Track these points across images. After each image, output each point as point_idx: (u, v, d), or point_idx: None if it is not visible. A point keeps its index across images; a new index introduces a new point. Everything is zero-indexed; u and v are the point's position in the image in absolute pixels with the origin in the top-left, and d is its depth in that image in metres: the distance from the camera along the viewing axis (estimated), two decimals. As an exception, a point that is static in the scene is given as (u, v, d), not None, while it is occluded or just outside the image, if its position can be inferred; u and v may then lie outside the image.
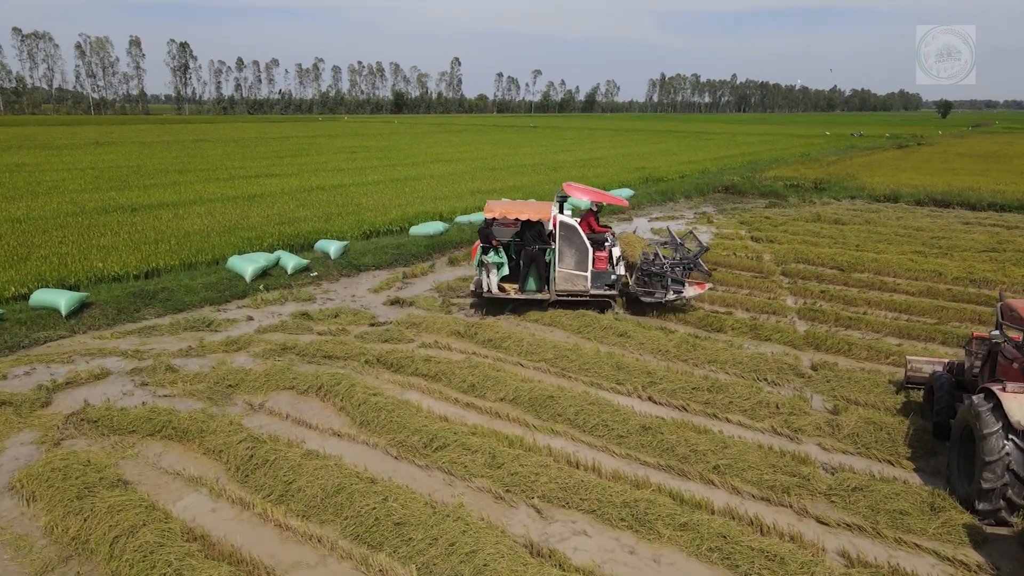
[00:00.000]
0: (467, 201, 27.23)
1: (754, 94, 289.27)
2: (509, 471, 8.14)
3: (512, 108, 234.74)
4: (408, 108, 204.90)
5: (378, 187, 31.23)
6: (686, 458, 8.60)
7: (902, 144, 69.16)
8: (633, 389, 10.73)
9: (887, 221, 26.25)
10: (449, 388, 10.83)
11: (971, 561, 6.81)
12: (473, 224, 23.35)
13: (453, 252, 20.65)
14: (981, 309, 14.59)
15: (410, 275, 17.98)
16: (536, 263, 14.27)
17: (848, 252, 19.94)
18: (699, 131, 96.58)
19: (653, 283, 14.34)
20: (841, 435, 9.27)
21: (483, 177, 35.79)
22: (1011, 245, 21.10)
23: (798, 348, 12.72)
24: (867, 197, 32.62)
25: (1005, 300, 8.31)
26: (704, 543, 6.91)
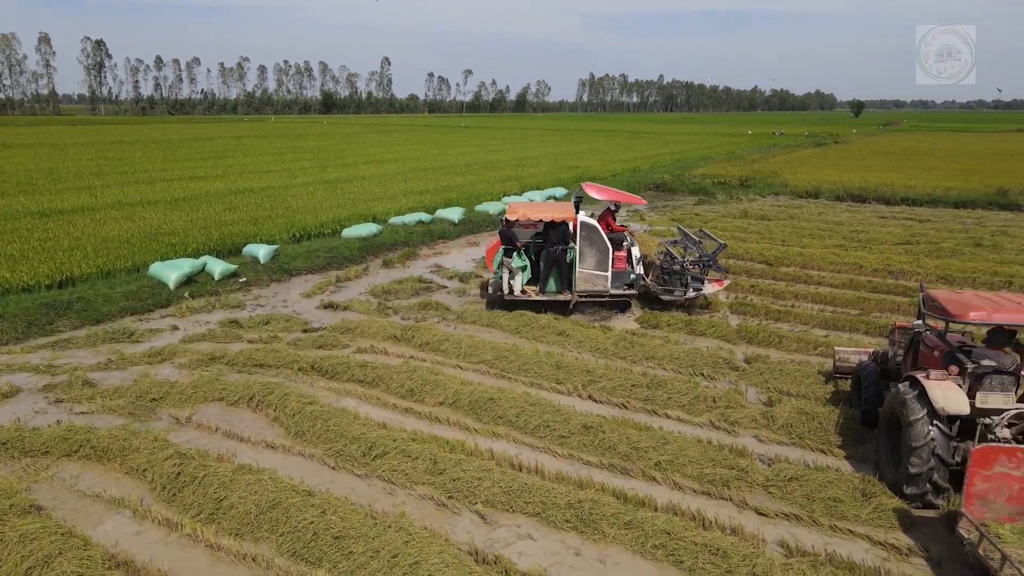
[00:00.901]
0: (400, 202, 26.87)
1: (680, 94, 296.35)
2: (451, 477, 7.98)
3: (443, 108, 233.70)
4: (337, 108, 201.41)
5: (308, 189, 30.50)
6: (628, 456, 8.62)
7: (820, 142, 71.98)
8: (573, 388, 10.72)
9: (810, 216, 27.20)
10: (387, 394, 10.58)
11: (902, 544, 7.03)
12: (407, 225, 23.06)
13: (387, 254, 20.31)
14: (900, 299, 15.21)
15: (344, 279, 17.57)
16: (558, 264, 14.18)
17: (775, 247, 20.55)
18: (629, 130, 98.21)
19: (672, 281, 14.43)
20: (776, 426, 9.47)
21: (416, 178, 35.41)
22: (924, 238, 22.15)
23: (732, 342, 12.98)
24: (790, 193, 33.73)
25: (926, 291, 8.64)
26: (649, 540, 6.91)
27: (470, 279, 17.37)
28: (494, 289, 14.49)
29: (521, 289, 14.20)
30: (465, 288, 16.63)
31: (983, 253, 19.79)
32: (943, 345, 8.31)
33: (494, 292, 14.44)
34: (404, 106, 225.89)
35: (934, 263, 18.30)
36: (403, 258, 19.76)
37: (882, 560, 6.79)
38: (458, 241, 22.92)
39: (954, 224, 25.25)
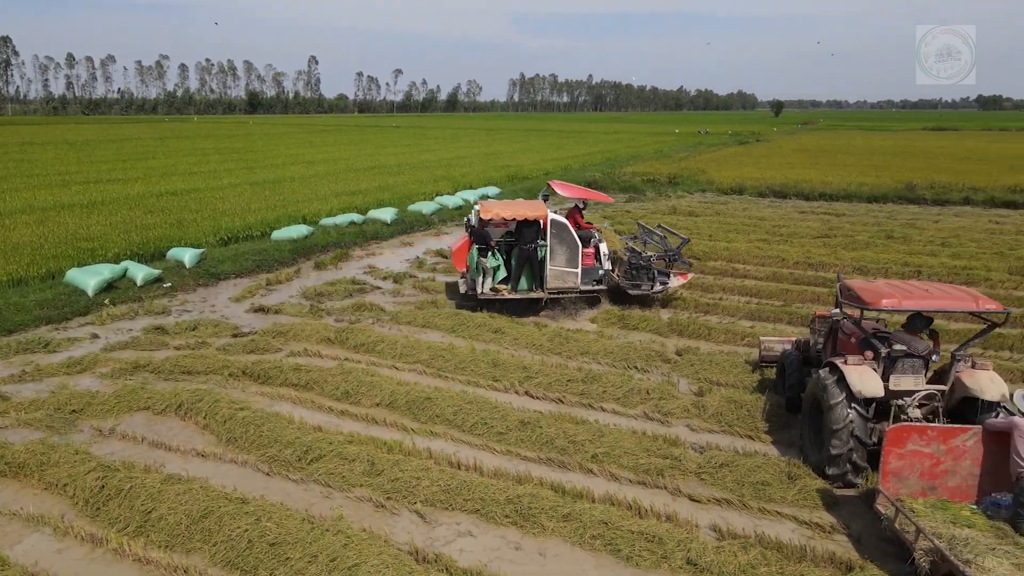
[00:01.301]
0: (332, 203, 26.44)
1: (609, 94, 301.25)
2: (389, 478, 7.93)
3: (374, 108, 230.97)
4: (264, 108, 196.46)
5: (235, 190, 29.66)
6: (565, 450, 8.74)
7: (743, 141, 74.34)
8: (510, 385, 10.79)
9: (734, 212, 28.09)
10: (322, 397, 10.42)
11: (825, 523, 7.36)
12: (339, 226, 22.72)
13: (319, 256, 19.96)
14: (819, 290, 15.89)
15: (274, 281, 17.18)
16: (531, 262, 14.19)
17: (703, 242, 21.13)
18: (560, 129, 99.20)
19: (640, 276, 14.72)
20: (706, 415, 9.77)
21: (347, 178, 34.90)
22: (840, 231, 23.18)
23: (663, 335, 13.30)
24: (716, 190, 34.73)
25: (843, 281, 9.05)
26: (587, 531, 7.04)
27: (404, 280, 17.25)
28: (467, 289, 14.39)
29: (492, 288, 14.18)
30: (400, 289, 16.50)
31: (894, 245, 20.86)
32: (859, 332, 8.73)
33: (467, 292, 14.35)
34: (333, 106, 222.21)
35: (850, 255, 19.18)
36: (336, 259, 19.46)
37: (807, 539, 7.09)
38: (391, 242, 22.72)
39: (867, 218, 26.50)
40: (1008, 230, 23.77)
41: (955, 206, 30.00)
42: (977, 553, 5.77)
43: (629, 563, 6.70)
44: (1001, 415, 7.30)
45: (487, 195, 31.02)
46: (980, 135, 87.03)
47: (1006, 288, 16.21)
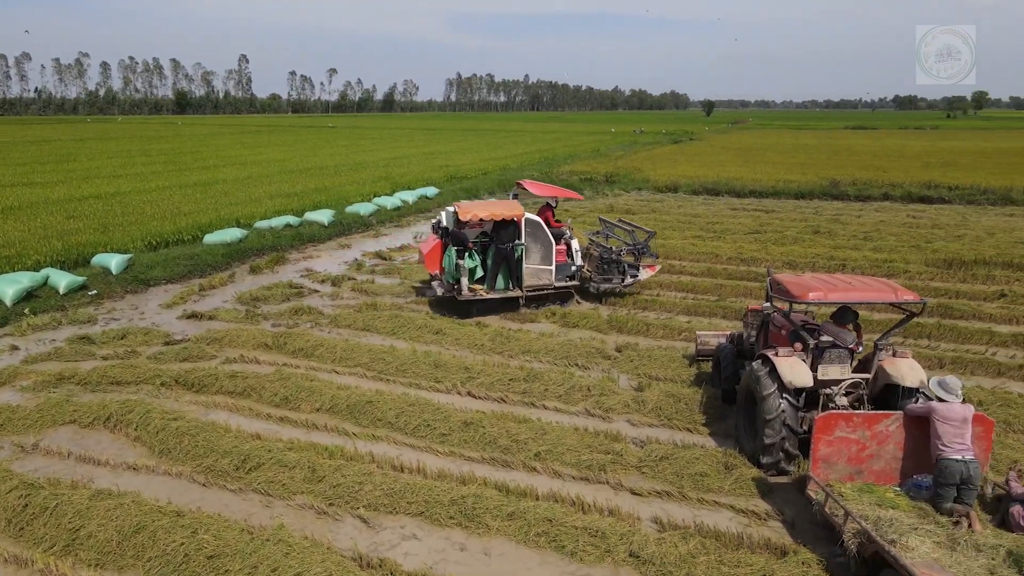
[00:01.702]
0: (266, 205, 25.86)
1: (546, 93, 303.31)
2: (331, 483, 7.82)
3: (308, 108, 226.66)
4: (193, 108, 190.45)
5: (164, 193, 28.70)
6: (508, 449, 8.78)
7: (677, 140, 75.96)
8: (452, 386, 10.78)
9: (670, 209, 28.69)
10: (260, 403, 10.19)
11: (760, 510, 7.61)
12: (275, 229, 22.24)
13: (255, 259, 19.49)
14: (751, 284, 16.39)
15: (207, 287, 16.70)
16: (507, 261, 14.28)
17: (640, 240, 21.48)
18: (498, 129, 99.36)
19: (611, 270, 15.07)
20: (646, 410, 9.96)
21: (282, 180, 34.17)
22: (770, 227, 23.95)
23: (603, 332, 13.49)
24: (651, 188, 35.41)
25: (772, 275, 9.36)
26: (531, 529, 7.09)
27: (343, 282, 17.01)
28: (444, 291, 14.42)
29: (469, 288, 14.11)
30: (338, 292, 16.26)
31: (820, 239, 21.67)
32: (789, 324, 9.05)
33: (444, 293, 14.37)
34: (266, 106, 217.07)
35: (780, 250, 19.84)
36: (272, 263, 19.05)
37: (744, 526, 7.32)
38: (329, 244, 22.37)
39: (795, 214, 27.45)
40: (924, 224, 24.98)
41: (876, 201, 31.36)
42: (901, 533, 6.06)
43: (573, 559, 6.78)
44: (920, 400, 7.67)
45: (426, 196, 30.89)
46: (897, 133, 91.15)
47: (923, 279, 17.04)
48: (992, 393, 10.25)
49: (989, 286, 16.42)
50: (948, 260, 18.42)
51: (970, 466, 6.54)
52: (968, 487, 6.54)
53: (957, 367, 11.42)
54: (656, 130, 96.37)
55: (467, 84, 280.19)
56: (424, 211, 28.99)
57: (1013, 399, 10.05)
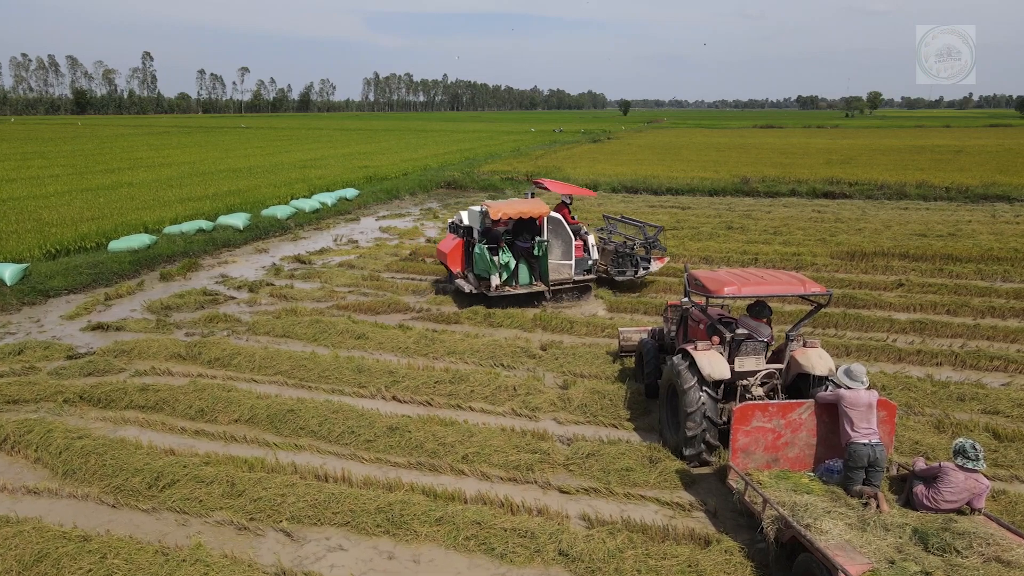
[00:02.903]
0: (176, 210, 24.80)
1: (465, 93, 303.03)
2: (251, 497, 7.55)
3: (220, 108, 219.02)
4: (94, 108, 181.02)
5: (64, 198, 27.12)
6: (435, 453, 8.69)
7: (595, 139, 77.23)
8: (376, 391, 10.60)
9: (590, 208, 29.09)
10: (173, 417, 9.74)
11: (684, 501, 7.79)
12: (186, 234, 21.35)
13: (165, 266, 18.66)
14: (671, 280, 16.80)
15: (114, 296, 15.86)
16: (528, 257, 14.90)
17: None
18: (418, 129, 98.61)
19: (624, 263, 16.01)
20: (572, 407, 10.05)
21: (193, 183, 32.85)
22: (686, 223, 24.66)
23: (528, 331, 13.55)
24: (573, 187, 35.82)
25: (690, 271, 9.60)
26: (461, 533, 7.03)
27: (260, 288, 16.48)
28: (472, 288, 14.69)
29: (496, 286, 14.52)
30: (256, 298, 15.74)
31: (734, 235, 22.45)
32: (706, 319, 9.30)
33: (472, 291, 14.68)
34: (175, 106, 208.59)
35: (696, 245, 20.42)
36: (184, 270, 18.27)
37: (669, 518, 7.47)
38: (245, 248, 21.65)
39: (710, 210, 28.34)
40: (828, 218, 26.23)
41: (783, 197, 32.73)
42: (815, 517, 6.31)
43: (504, 560, 6.76)
44: (829, 388, 8.02)
45: (345, 197, 30.32)
46: (801, 132, 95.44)
47: (829, 271, 17.88)
48: (894, 378, 10.83)
49: (888, 276, 17.38)
50: (851, 252, 19.40)
51: (876, 449, 6.87)
52: (875, 469, 6.87)
53: (862, 354, 12.02)
54: (575, 129, 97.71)
55: (385, 84, 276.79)
56: (344, 213, 28.46)
57: (913, 383, 10.65)
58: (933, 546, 5.86)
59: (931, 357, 11.86)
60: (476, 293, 14.71)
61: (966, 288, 16.07)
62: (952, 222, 25.06)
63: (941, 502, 6.42)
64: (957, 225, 24.27)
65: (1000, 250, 19.46)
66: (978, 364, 11.60)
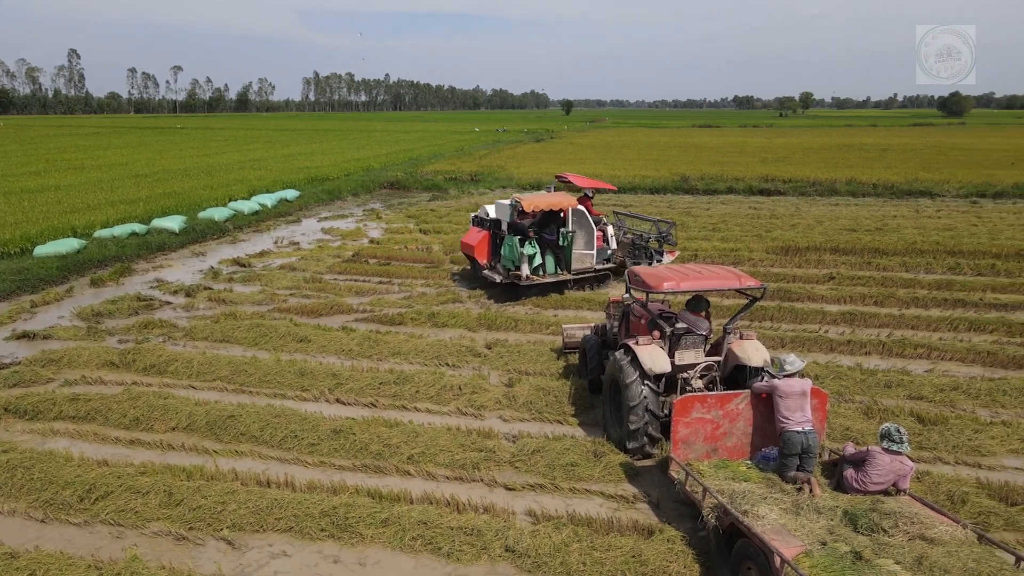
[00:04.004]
0: (108, 213, 23.93)
1: (408, 93, 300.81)
2: (190, 506, 7.36)
3: (153, 108, 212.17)
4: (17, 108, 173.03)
5: (-17, 202, 25.86)
6: (381, 454, 8.63)
7: (539, 138, 77.66)
8: (320, 394, 10.45)
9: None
10: (106, 427, 9.42)
11: (628, 494, 7.93)
12: (118, 238, 20.63)
13: (96, 271, 17.99)
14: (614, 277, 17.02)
15: (40, 303, 15.23)
16: (552, 248, 15.60)
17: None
18: (360, 129, 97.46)
19: (639, 254, 16.86)
20: (517, 405, 10.12)
21: (125, 185, 31.75)
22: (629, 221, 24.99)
23: (473, 330, 13.56)
24: (515, 186, 35.94)
25: (630, 267, 9.78)
26: (407, 534, 7.01)
27: (198, 293, 16.04)
28: (502, 278, 15.37)
29: (527, 275, 15.16)
30: (193, 303, 15.32)
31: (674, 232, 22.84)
32: (647, 314, 9.48)
33: (503, 280, 15.37)
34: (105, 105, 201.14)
35: (639, 243, 20.73)
36: (116, 275, 17.67)
37: (613, 511, 7.60)
38: (181, 252, 21.06)
39: (651, 208, 28.81)
40: (764, 215, 27.01)
41: (721, 195, 33.54)
42: (753, 503, 6.51)
43: (450, 559, 6.77)
44: (765, 379, 8.27)
45: (286, 199, 29.80)
46: (738, 131, 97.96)
47: (764, 266, 18.43)
48: (826, 367, 11.24)
49: (820, 269, 18.00)
50: (785, 247, 20.02)
51: (810, 437, 7.12)
52: (809, 456, 7.12)
53: (796, 345, 12.43)
54: (518, 129, 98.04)
55: (326, 83, 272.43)
56: (284, 214, 27.94)
57: (843, 372, 11.08)
58: (862, 526, 6.11)
59: (860, 346, 12.35)
60: (507, 283, 15.42)
61: (892, 280, 16.78)
62: (879, 217, 26.12)
63: (869, 484, 6.70)
64: (884, 220, 25.31)
65: (923, 243, 20.37)
66: (903, 352, 12.13)
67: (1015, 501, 7.56)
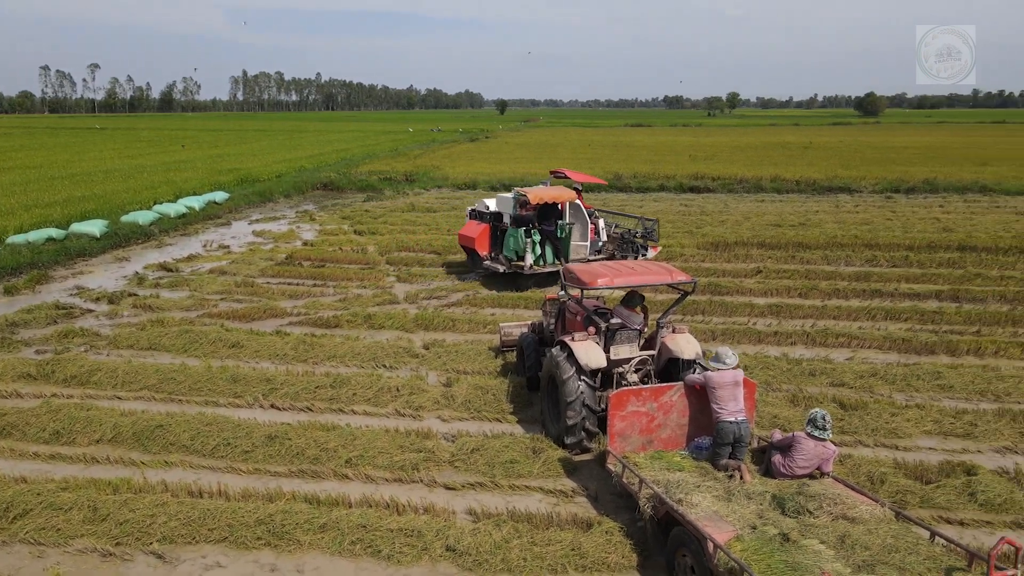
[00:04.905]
0: (21, 217, 22.77)
1: (340, 92, 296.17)
2: (117, 521, 7.09)
3: (69, 108, 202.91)
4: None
5: None
6: (318, 459, 8.50)
7: (473, 138, 77.68)
8: (253, 400, 10.22)
9: (469, 206, 29.25)
10: (24, 442, 8.98)
11: (567, 488, 8.04)
12: (33, 244, 19.68)
13: (9, 279, 17.13)
14: (550, 275, 17.19)
15: (-53, 315, 14.37)
16: (551, 239, 16.30)
17: (442, 237, 21.80)
18: (291, 129, 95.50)
19: (626, 248, 17.57)
20: (456, 404, 10.11)
21: (40, 188, 30.27)
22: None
23: (410, 331, 13.48)
24: (451, 186, 35.92)
25: (565, 265, 9.90)
26: (346, 538, 6.93)
27: (122, 299, 15.43)
28: (506, 268, 16.18)
29: (531, 265, 15.92)
30: (117, 310, 14.74)
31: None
32: (583, 310, 9.61)
33: (506, 270, 16.18)
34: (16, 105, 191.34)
35: (574, 241, 20.98)
36: (32, 282, 16.84)
37: (553, 506, 7.68)
38: (103, 258, 20.22)
39: (587, 206, 29.19)
40: (694, 211, 27.73)
41: (653, 192, 34.26)
42: (687, 492, 6.68)
43: (391, 562, 6.72)
44: (697, 371, 8.51)
45: (215, 201, 29.00)
46: (668, 130, 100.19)
47: (695, 261, 18.92)
48: (755, 358, 11.63)
49: (748, 264, 18.61)
50: (715, 243, 20.61)
51: (741, 426, 7.35)
52: (741, 445, 7.36)
53: (726, 337, 12.81)
54: (453, 128, 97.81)
55: (254, 82, 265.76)
56: (214, 217, 27.16)
57: (771, 362, 11.49)
58: (789, 509, 6.36)
59: (786, 337, 12.83)
60: (510, 272, 16.13)
61: (815, 273, 17.48)
62: (802, 212, 27.15)
63: (796, 469, 6.98)
64: (806, 215, 26.32)
65: (843, 237, 21.29)
66: (826, 341, 12.65)
67: (929, 479, 8.00)
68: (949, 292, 15.64)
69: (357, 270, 18.03)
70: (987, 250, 19.56)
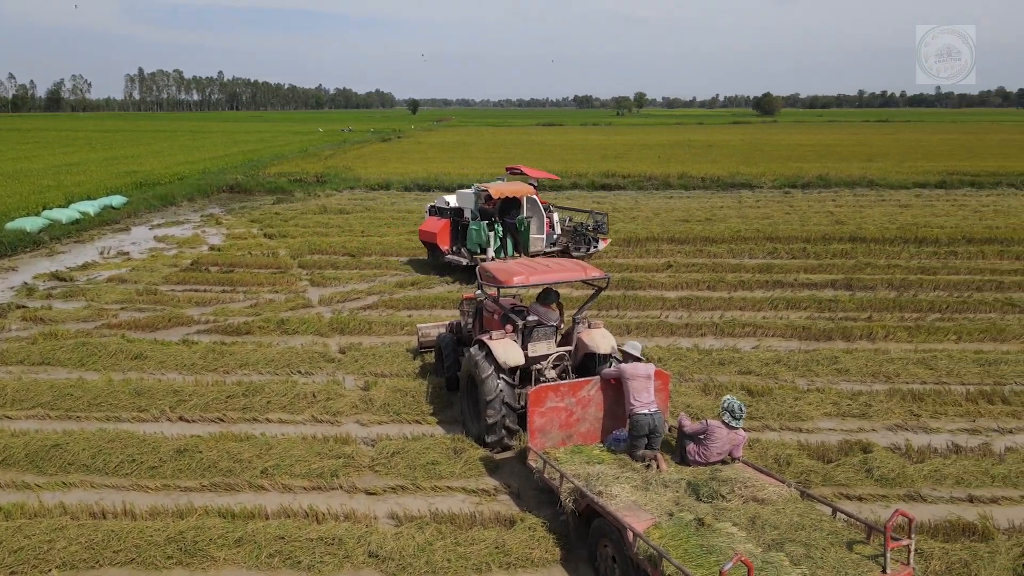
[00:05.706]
0: None
1: (245, 92, 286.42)
2: (10, 548, 6.62)
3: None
4: None
5: None
6: (231, 471, 8.21)
7: (385, 138, 76.79)
8: (160, 413, 9.76)
9: (383, 207, 28.95)
10: (-100, 471, 8.27)
11: (490, 487, 8.06)
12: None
13: None
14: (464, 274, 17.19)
15: None
16: (511, 232, 17.14)
17: (356, 239, 21.45)
18: (192, 130, 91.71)
19: (579, 241, 18.37)
20: (375, 408, 9.97)
21: (-90, 194, 27.86)
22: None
23: (325, 335, 13.18)
24: (363, 187, 35.36)
25: (480, 264, 9.93)
26: (263, 551, 6.72)
27: (10, 312, 14.43)
28: (469, 260, 16.66)
29: (492, 257, 16.12)
30: (4, 324, 13.76)
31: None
32: (500, 309, 9.67)
33: (468, 263, 16.53)
34: None
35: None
36: None
37: (476, 505, 7.69)
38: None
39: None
40: (606, 208, 28.20)
41: (567, 190, 34.72)
42: (606, 484, 6.83)
43: (311, 572, 6.56)
44: (612, 364, 8.70)
45: (111, 206, 27.56)
46: (579, 129, 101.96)
47: (609, 257, 19.33)
48: (667, 350, 12.00)
49: (659, 259, 19.17)
50: (627, 239, 21.13)
51: (655, 417, 7.57)
52: (655, 435, 7.57)
53: (640, 331, 13.16)
54: (364, 128, 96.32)
55: (152, 81, 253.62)
56: (111, 222, 25.76)
57: (683, 353, 11.88)
58: (704, 495, 6.61)
59: (696, 328, 13.29)
60: (473, 265, 15.96)
61: (721, 266, 18.19)
62: (708, 208, 28.19)
63: (710, 456, 7.24)
64: (712, 211, 27.35)
65: (746, 231, 22.25)
66: (733, 332, 13.19)
67: (830, 459, 8.47)
68: (843, 281, 16.60)
69: (268, 275, 17.49)
70: (875, 241, 20.86)
